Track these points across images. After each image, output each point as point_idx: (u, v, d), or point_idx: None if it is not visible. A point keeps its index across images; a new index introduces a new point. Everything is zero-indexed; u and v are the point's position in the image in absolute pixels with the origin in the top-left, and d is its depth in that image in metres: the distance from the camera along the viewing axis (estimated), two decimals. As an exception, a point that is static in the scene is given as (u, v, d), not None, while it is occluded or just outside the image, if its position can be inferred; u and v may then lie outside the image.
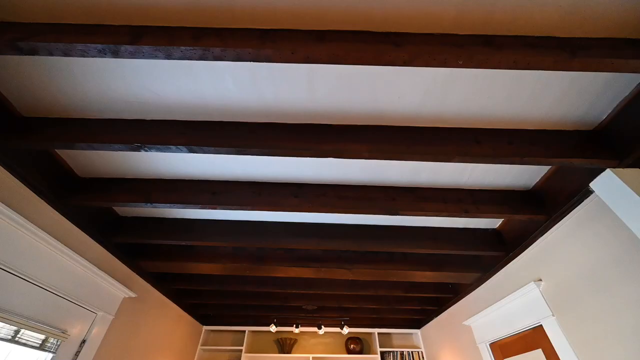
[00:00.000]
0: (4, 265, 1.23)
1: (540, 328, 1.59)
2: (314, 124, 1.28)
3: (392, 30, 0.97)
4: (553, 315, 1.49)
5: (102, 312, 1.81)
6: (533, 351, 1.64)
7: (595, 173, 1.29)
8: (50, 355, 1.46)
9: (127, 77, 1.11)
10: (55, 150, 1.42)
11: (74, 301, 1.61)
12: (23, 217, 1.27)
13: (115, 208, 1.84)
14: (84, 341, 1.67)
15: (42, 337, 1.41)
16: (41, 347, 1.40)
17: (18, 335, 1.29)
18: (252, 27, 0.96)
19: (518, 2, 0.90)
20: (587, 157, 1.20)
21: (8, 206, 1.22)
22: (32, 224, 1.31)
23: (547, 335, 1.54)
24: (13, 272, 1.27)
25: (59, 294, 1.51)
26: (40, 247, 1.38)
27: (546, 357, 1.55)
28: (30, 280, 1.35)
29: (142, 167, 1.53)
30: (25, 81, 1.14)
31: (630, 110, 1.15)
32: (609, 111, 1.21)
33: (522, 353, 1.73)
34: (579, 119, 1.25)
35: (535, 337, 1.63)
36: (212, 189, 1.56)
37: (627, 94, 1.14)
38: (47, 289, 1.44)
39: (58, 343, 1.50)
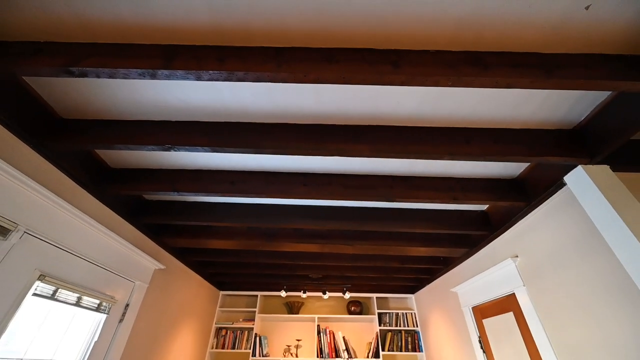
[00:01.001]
0: (66, 248, 1.48)
1: (513, 295, 1.87)
2: (321, 125, 1.43)
3: (393, 48, 1.09)
4: (524, 285, 1.76)
5: (139, 282, 2.11)
6: (506, 314, 1.94)
7: (570, 168, 1.46)
8: (105, 315, 1.77)
9: (157, 87, 1.26)
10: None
11: (117, 273, 1.89)
12: (73, 206, 1.50)
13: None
14: (127, 305, 1.99)
15: (97, 301, 1.71)
16: (97, 309, 1.71)
17: (81, 301, 1.58)
18: (267, 45, 1.09)
19: (506, 24, 1.01)
20: (563, 155, 1.37)
21: (60, 197, 1.43)
22: (82, 212, 1.54)
23: (517, 301, 1.82)
24: (72, 253, 1.53)
25: (105, 267, 1.78)
26: (88, 230, 1.62)
27: (515, 318, 1.85)
28: (85, 258, 1.62)
29: (166, 159, 1.71)
30: (63, 87, 1.29)
31: (604, 114, 1.29)
32: (587, 114, 1.35)
33: (497, 315, 2.04)
34: (560, 120, 1.40)
35: (508, 303, 1.92)
36: (230, 178, 1.76)
37: (603, 99, 1.27)
38: (97, 264, 1.72)
39: (109, 306, 1.81)
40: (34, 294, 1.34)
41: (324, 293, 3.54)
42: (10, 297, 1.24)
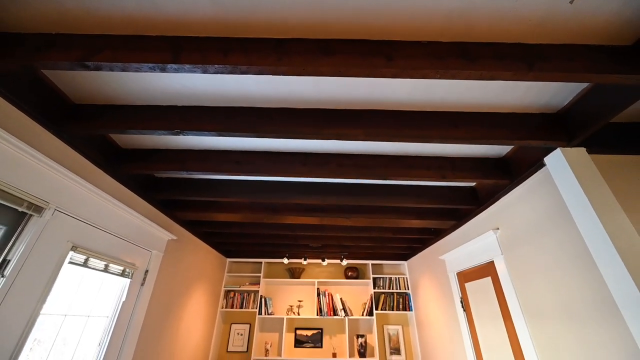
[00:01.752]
0: (91, 222, 1.65)
1: (492, 263, 2.09)
2: (319, 109, 1.52)
3: (387, 39, 1.16)
4: (502, 254, 1.96)
5: (155, 251, 2.33)
6: (485, 278, 2.18)
7: (551, 149, 1.57)
8: (129, 280, 2.00)
9: (164, 75, 1.33)
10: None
11: (135, 243, 2.09)
12: (93, 185, 1.64)
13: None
14: (147, 271, 2.23)
15: (122, 268, 1.92)
16: (122, 274, 1.93)
17: (108, 268, 1.79)
18: (268, 36, 1.15)
19: (495, 16, 1.07)
20: (543, 139, 1.47)
21: (81, 177, 1.57)
22: (101, 190, 1.68)
23: (495, 268, 2.04)
24: (96, 226, 1.70)
25: (125, 239, 1.98)
26: (107, 206, 1.78)
27: (493, 282, 2.08)
28: (107, 231, 1.80)
29: (174, 140, 1.82)
30: (74, 74, 1.36)
31: (585, 100, 1.37)
32: (570, 99, 1.43)
33: (477, 279, 2.28)
34: (545, 104, 1.48)
35: (488, 269, 2.15)
36: (235, 158, 1.88)
37: (585, 86, 1.35)
38: (118, 236, 1.90)
39: (132, 272, 2.03)
40: (70, 262, 1.53)
41: (323, 260, 3.83)
42: (51, 265, 1.43)
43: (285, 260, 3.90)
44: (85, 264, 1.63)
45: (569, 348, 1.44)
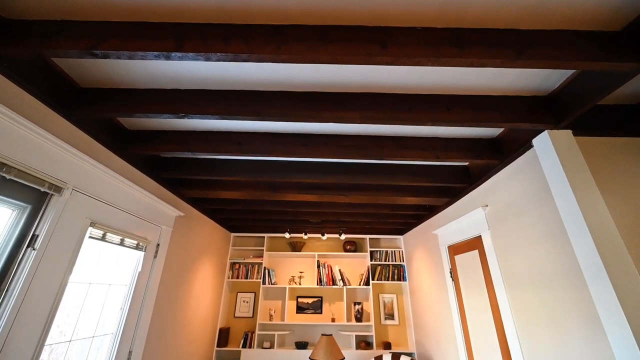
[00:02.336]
0: (105, 200, 1.78)
1: (479, 237, 2.24)
2: (318, 92, 1.58)
3: (382, 25, 1.19)
4: (489, 229, 2.10)
5: (165, 226, 2.48)
6: (472, 251, 2.34)
7: (540, 131, 1.64)
8: (143, 253, 2.17)
9: (168, 61, 1.38)
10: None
11: (146, 220, 2.23)
12: (105, 165, 1.74)
13: (158, 151, 2.28)
14: (158, 244, 2.39)
15: (135, 242, 2.08)
16: (136, 248, 2.10)
17: (123, 242, 1.94)
18: (268, 23, 1.19)
19: (487, 2, 1.10)
20: (532, 121, 1.54)
21: (94, 158, 1.66)
22: (112, 170, 1.79)
23: (482, 242, 2.19)
24: (110, 204, 1.83)
25: (137, 215, 2.12)
26: (119, 185, 1.90)
27: (479, 255, 2.25)
28: (120, 208, 1.93)
29: (178, 122, 1.89)
30: (81, 60, 1.41)
31: (574, 83, 1.43)
32: (560, 82, 1.48)
33: (465, 252, 2.45)
34: (536, 88, 1.54)
35: (475, 243, 2.30)
36: (237, 139, 1.96)
37: (574, 70, 1.40)
38: (130, 213, 2.04)
39: (145, 246, 2.20)
40: (90, 237, 1.68)
41: (323, 235, 4.03)
42: (74, 239, 1.57)
43: (287, 235, 4.10)
44: (103, 239, 1.78)
45: (540, 310, 1.62)
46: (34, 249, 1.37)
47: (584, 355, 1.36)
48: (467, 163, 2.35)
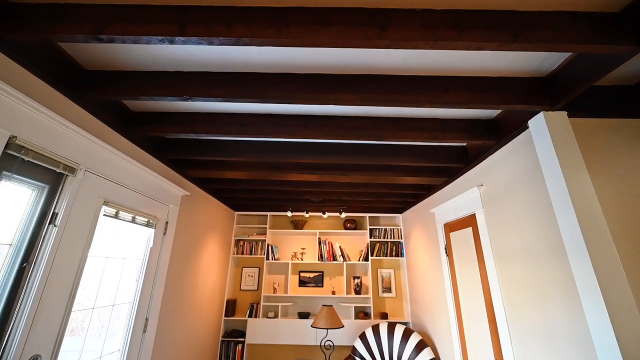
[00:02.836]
0: (116, 181, 1.86)
1: (473, 215, 2.34)
2: (319, 74, 1.60)
3: (382, 7, 1.20)
4: (483, 207, 2.19)
5: (172, 205, 2.59)
6: (466, 228, 2.45)
7: (536, 113, 1.67)
8: (153, 230, 2.30)
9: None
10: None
11: (154, 199, 2.34)
12: (114, 147, 1.81)
13: (162, 132, 2.33)
14: (167, 222, 2.52)
15: (146, 219, 2.20)
16: (147, 225, 2.21)
17: (135, 219, 2.06)
18: (268, 5, 1.20)
19: (487, -16, 1.10)
20: (528, 103, 1.57)
21: (103, 141, 1.73)
22: (120, 151, 1.86)
23: (476, 220, 2.29)
24: (120, 184, 1.92)
25: (145, 195, 2.21)
26: (127, 166, 1.98)
27: (472, 232, 2.36)
28: (130, 188, 2.02)
29: (182, 104, 1.92)
30: (86, 43, 1.43)
31: (573, 64, 1.44)
32: (559, 63, 1.50)
33: (460, 229, 2.56)
34: (535, 69, 1.55)
35: (470, 220, 2.40)
36: (240, 120, 2.00)
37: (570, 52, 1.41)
38: (139, 192, 2.13)
39: (155, 223, 2.32)
40: (104, 215, 1.78)
41: (324, 213, 4.16)
42: (89, 216, 1.68)
43: (289, 213, 4.23)
44: (116, 216, 1.89)
45: (525, 282, 1.74)
46: (55, 226, 1.47)
47: (560, 322, 1.49)
48: (465, 144, 2.39)
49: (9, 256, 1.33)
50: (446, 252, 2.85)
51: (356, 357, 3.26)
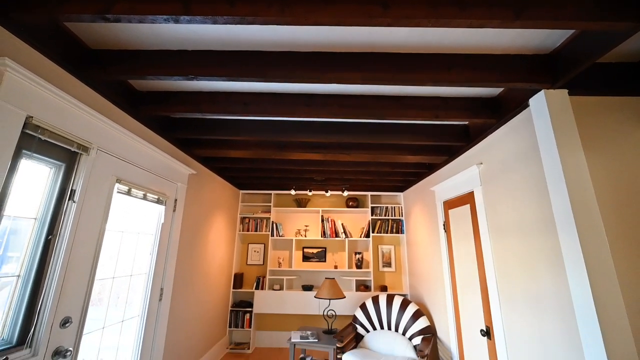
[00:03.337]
0: (126, 159, 1.94)
1: (472, 193, 2.41)
2: (321, 52, 1.61)
3: (384, -17, 1.20)
4: (481, 185, 2.25)
5: (180, 183, 2.68)
6: (464, 205, 2.53)
7: (537, 91, 1.68)
8: (163, 207, 2.41)
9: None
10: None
11: (163, 177, 2.42)
12: (123, 127, 1.86)
13: (167, 112, 2.37)
14: (175, 200, 2.62)
15: (156, 197, 2.30)
16: (157, 202, 2.32)
17: (146, 196, 2.15)
18: (270, -18, 1.20)
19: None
20: (530, 81, 1.58)
21: (112, 120, 1.78)
22: (129, 131, 1.91)
23: (474, 197, 2.36)
24: (131, 163, 1.99)
25: (154, 173, 2.30)
26: (136, 145, 2.04)
27: (470, 209, 2.44)
28: (139, 167, 2.10)
29: (186, 83, 1.95)
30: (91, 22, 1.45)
31: (575, 42, 1.44)
32: (562, 40, 1.49)
33: (458, 207, 2.64)
34: (538, 46, 1.55)
35: (468, 198, 2.48)
36: (243, 100, 2.03)
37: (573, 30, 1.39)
38: (148, 171, 2.22)
39: (165, 200, 2.42)
40: (118, 192, 1.88)
41: (327, 192, 4.25)
42: (104, 193, 1.77)
43: (293, 192, 4.33)
44: (128, 193, 1.99)
45: (517, 255, 1.84)
46: (74, 202, 1.57)
47: (546, 291, 1.60)
48: (466, 122, 2.41)
49: (35, 229, 1.44)
50: (444, 229, 2.96)
51: (357, 325, 3.48)
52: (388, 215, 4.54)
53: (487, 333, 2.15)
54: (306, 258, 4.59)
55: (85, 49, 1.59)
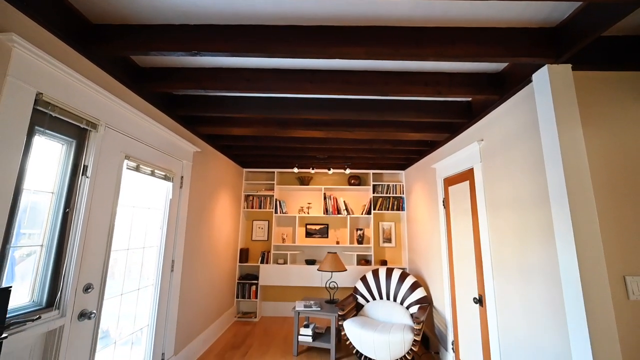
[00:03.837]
0: (133, 136, 1.98)
1: (471, 169, 2.45)
2: (324, 26, 1.59)
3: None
4: (481, 162, 2.29)
5: (185, 161, 2.74)
6: (464, 182, 2.58)
7: (541, 66, 1.67)
8: (171, 183, 2.48)
9: (175, -5, 1.40)
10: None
11: (169, 155, 2.48)
12: (128, 104, 1.89)
13: (170, 89, 2.37)
14: (182, 177, 2.69)
15: (164, 173, 2.37)
16: (165, 178, 2.39)
17: (154, 173, 2.22)
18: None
19: None
20: (535, 56, 1.57)
21: (118, 97, 1.80)
22: (135, 108, 1.94)
23: (473, 174, 2.41)
24: (137, 140, 2.04)
25: (161, 150, 2.35)
26: (143, 123, 2.08)
27: (469, 185, 2.49)
28: (146, 144, 2.15)
29: (189, 59, 1.94)
30: (90, -4, 1.44)
31: (581, 14, 1.41)
32: (569, 13, 1.46)
33: (458, 183, 2.69)
34: (544, 19, 1.52)
35: (468, 175, 2.52)
36: (246, 76, 2.03)
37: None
38: (155, 148, 2.27)
39: (172, 177, 2.49)
40: (127, 168, 1.94)
41: (329, 169, 4.30)
42: (115, 169, 1.84)
43: (295, 170, 4.39)
44: (137, 169, 2.05)
45: (511, 228, 1.92)
46: (87, 177, 1.64)
47: (535, 260, 1.69)
48: (470, 99, 2.40)
49: (53, 203, 1.52)
50: (444, 205, 3.03)
51: (357, 295, 3.68)
52: (389, 193, 4.62)
53: (480, 301, 2.29)
54: (309, 234, 4.74)
55: (88, 24, 1.59)
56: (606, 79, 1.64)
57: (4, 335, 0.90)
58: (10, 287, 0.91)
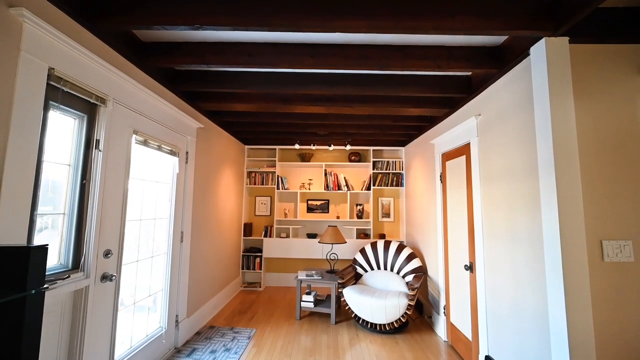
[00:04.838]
0: (139, 112, 2.04)
1: (468, 144, 2.52)
2: (325, -2, 1.60)
3: None
4: (477, 136, 2.35)
5: (189, 137, 2.81)
6: (461, 157, 2.66)
7: (539, 39, 1.69)
8: (177, 158, 2.57)
9: (176, -33, 1.40)
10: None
11: (174, 130, 2.54)
12: (135, 80, 1.93)
13: (172, 64, 2.38)
14: (187, 152, 2.77)
15: (170, 148, 2.45)
16: (171, 153, 2.48)
17: (161, 148, 2.30)
18: None
19: None
20: (532, 29, 1.59)
21: (124, 73, 1.84)
22: (140, 84, 1.98)
23: (470, 148, 2.48)
24: (144, 115, 2.10)
25: (166, 126, 2.41)
26: (148, 99, 2.13)
27: (465, 159, 2.57)
28: (152, 119, 2.21)
29: (191, 33, 1.95)
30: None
31: (583, -15, 1.42)
32: (570, -17, 1.46)
33: (455, 158, 2.77)
34: (546, -11, 1.52)
35: (464, 149, 2.60)
36: (248, 50, 2.05)
37: (586, -32, 1.37)
38: (160, 124, 2.33)
39: (177, 152, 2.58)
40: (136, 142, 2.02)
41: (330, 146, 4.36)
42: (124, 142, 1.92)
43: (297, 146, 4.45)
44: (145, 144, 2.13)
45: (502, 198, 2.03)
46: (99, 150, 1.73)
47: (522, 227, 1.81)
48: (469, 73, 2.41)
49: (71, 174, 1.62)
50: (441, 180, 3.13)
51: (356, 266, 3.89)
52: (389, 169, 4.71)
53: (470, 268, 2.46)
54: (310, 209, 4.90)
55: (90, -2, 1.60)
56: (602, 52, 1.67)
57: (45, 285, 1.03)
58: (47, 244, 1.02)
